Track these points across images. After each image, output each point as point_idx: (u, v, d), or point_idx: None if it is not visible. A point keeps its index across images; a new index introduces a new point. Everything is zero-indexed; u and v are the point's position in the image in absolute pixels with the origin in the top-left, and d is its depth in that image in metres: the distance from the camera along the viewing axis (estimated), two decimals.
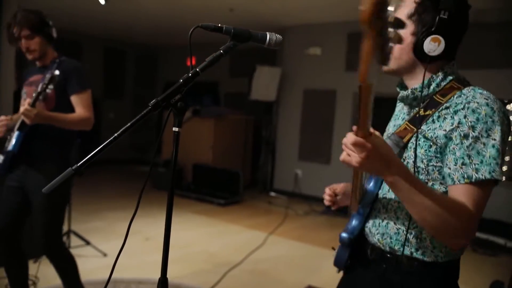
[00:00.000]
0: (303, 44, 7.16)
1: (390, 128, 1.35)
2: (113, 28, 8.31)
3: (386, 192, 1.26)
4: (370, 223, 1.29)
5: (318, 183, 6.98)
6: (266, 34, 1.19)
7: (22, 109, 2.14)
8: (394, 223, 1.21)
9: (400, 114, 1.31)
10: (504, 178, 5.50)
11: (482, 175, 1.05)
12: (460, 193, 1.07)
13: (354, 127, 0.94)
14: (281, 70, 7.27)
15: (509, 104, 5.50)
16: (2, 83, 4.02)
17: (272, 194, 7.36)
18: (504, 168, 5.53)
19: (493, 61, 5.28)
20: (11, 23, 2.30)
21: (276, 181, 7.58)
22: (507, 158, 5.52)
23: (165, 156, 7.61)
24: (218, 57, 1.11)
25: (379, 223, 1.25)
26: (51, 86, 2.19)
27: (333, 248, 1.44)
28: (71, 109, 2.38)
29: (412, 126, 1.18)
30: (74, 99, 2.37)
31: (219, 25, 1.14)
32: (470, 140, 1.07)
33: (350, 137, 0.93)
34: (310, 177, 7.10)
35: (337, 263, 1.38)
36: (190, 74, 1.08)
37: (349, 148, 0.95)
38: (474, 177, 1.05)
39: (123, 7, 6.38)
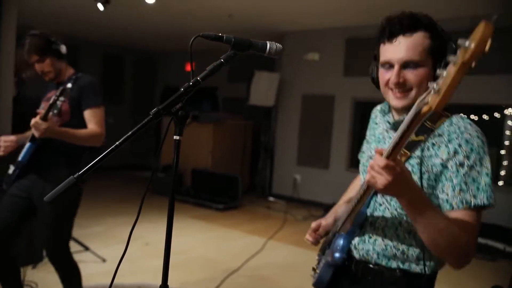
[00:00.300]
0: (302, 50, 7.18)
1: (373, 150, 1.35)
2: (112, 33, 8.32)
3: (374, 210, 1.28)
4: (355, 240, 1.32)
5: (316, 188, 6.98)
6: (266, 43, 1.20)
7: (32, 121, 2.17)
8: (382, 240, 1.25)
9: (386, 138, 1.32)
10: (503, 183, 5.52)
11: (480, 201, 1.11)
12: (459, 216, 1.11)
13: (379, 149, 0.97)
14: (280, 76, 7.29)
15: (507, 108, 5.52)
16: (1, 87, 4.03)
17: (271, 199, 7.35)
18: (503, 172, 5.55)
19: (494, 66, 5.29)
20: (21, 53, 2.35)
21: (275, 186, 7.58)
22: (505, 163, 5.53)
23: (164, 161, 7.60)
24: (219, 66, 1.12)
25: (366, 240, 1.28)
26: (62, 98, 2.23)
27: (314, 269, 1.44)
28: (85, 125, 2.41)
29: (406, 151, 1.20)
30: (87, 114, 2.40)
31: (220, 34, 1.15)
32: (466, 168, 1.12)
33: (380, 160, 0.95)
34: (309, 182, 7.11)
35: (318, 283, 1.38)
36: (191, 83, 1.08)
37: (376, 170, 0.97)
38: (472, 202, 1.11)
39: (122, 12, 6.40)
